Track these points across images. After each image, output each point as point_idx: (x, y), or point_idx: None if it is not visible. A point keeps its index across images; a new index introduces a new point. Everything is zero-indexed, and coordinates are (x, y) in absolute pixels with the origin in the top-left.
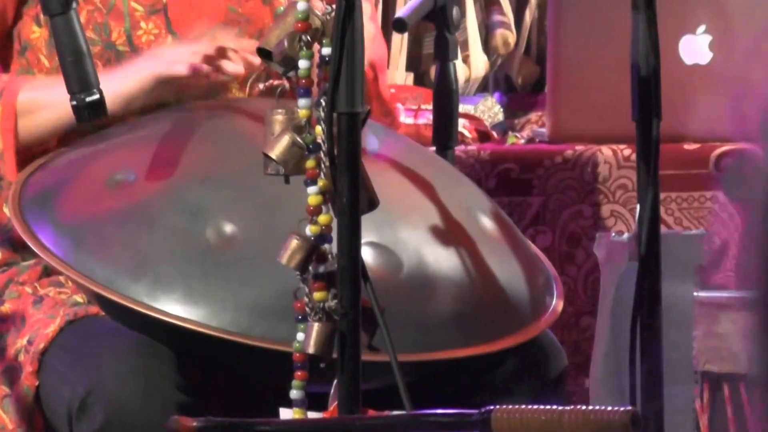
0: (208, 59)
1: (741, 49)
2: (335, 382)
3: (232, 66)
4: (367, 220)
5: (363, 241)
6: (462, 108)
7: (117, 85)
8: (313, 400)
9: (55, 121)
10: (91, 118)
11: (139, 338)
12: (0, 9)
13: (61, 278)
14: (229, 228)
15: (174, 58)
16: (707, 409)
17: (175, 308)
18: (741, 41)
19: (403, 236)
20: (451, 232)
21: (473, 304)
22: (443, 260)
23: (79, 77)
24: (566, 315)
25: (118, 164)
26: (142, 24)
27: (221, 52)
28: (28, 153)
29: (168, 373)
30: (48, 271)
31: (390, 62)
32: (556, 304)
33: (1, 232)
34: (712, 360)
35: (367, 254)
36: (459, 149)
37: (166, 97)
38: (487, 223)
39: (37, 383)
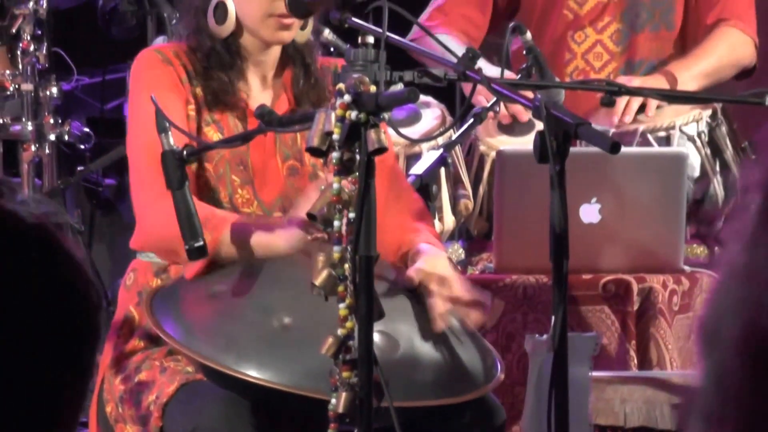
0: None
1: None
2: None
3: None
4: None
5: (374, 329)
6: None
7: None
8: None
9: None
10: (197, 258)
11: (228, 394)
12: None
13: (178, 357)
14: (287, 320)
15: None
16: None
17: (252, 372)
18: (627, 207)
19: (399, 328)
20: (430, 327)
21: (444, 372)
22: (425, 344)
23: (190, 230)
24: (505, 385)
25: (215, 282)
26: (239, 190)
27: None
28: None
29: (247, 417)
30: (170, 351)
31: None
32: (500, 376)
33: (142, 331)
34: (600, 416)
35: (377, 337)
36: None
37: None
38: (454, 322)
39: (161, 425)
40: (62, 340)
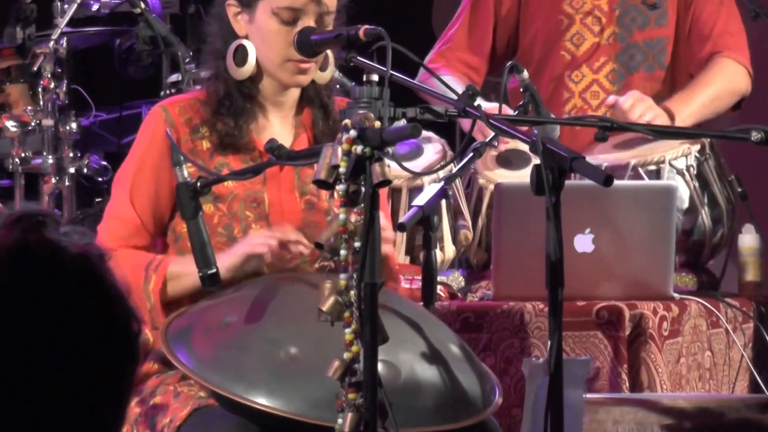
0: (281, 243)
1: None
2: None
3: (294, 248)
4: (381, 347)
5: (378, 358)
6: (439, 278)
7: (224, 263)
8: None
9: (190, 286)
10: (211, 285)
11: (238, 420)
12: (163, 210)
13: (191, 382)
14: (294, 351)
15: (257, 241)
16: None
17: (261, 400)
18: (619, 237)
19: (401, 356)
20: (431, 354)
21: (445, 399)
22: (426, 371)
23: (203, 259)
24: (502, 407)
25: (227, 312)
26: (253, 225)
27: (289, 240)
28: (169, 306)
29: None
30: (184, 377)
31: (395, 250)
32: (498, 400)
33: (156, 354)
34: None
35: (380, 366)
36: (437, 304)
37: (257, 268)
38: (454, 349)
39: None
40: (103, 365)
